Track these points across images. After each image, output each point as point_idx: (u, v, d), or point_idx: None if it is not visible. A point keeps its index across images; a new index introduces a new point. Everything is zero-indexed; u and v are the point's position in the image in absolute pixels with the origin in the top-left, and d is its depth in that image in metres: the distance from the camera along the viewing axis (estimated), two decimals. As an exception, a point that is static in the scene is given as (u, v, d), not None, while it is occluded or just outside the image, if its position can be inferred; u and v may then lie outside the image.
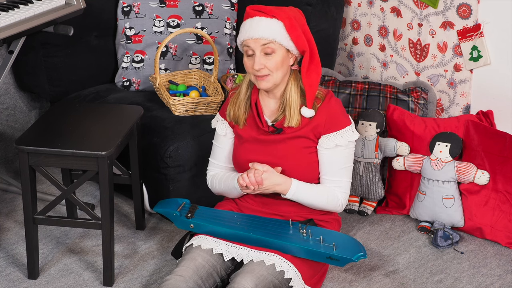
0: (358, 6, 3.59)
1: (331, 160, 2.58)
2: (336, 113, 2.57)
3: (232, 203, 2.74)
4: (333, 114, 2.57)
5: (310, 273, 2.54)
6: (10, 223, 3.19)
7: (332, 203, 2.61)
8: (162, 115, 3.16)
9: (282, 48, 2.50)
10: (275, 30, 2.48)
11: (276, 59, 2.49)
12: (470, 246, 3.05)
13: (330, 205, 2.62)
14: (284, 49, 2.50)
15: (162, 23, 3.43)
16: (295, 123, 2.55)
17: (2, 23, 2.75)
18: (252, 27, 2.49)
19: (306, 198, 2.59)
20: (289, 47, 2.50)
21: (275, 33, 2.48)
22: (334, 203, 2.61)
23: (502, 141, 2.97)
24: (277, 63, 2.49)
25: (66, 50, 3.41)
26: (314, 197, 2.59)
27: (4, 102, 3.62)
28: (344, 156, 2.59)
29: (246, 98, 2.63)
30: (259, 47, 2.48)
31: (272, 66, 2.49)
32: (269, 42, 2.47)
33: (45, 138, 2.70)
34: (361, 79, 3.50)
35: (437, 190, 3.10)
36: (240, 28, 2.56)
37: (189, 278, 2.45)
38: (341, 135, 2.56)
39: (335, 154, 2.57)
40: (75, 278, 2.83)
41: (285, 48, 2.50)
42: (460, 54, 3.27)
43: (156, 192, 3.10)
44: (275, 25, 2.48)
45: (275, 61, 2.49)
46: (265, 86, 2.53)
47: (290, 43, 2.50)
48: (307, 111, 2.55)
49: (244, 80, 2.64)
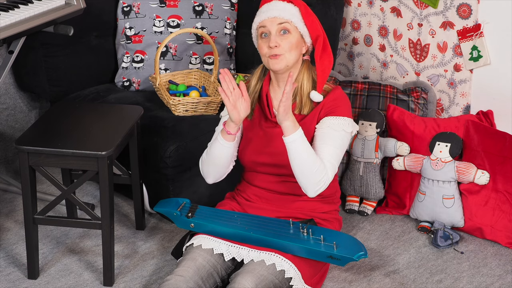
0: (358, 6, 3.59)
1: (322, 137, 2.56)
2: (340, 101, 2.61)
3: (234, 202, 2.75)
4: (336, 101, 2.60)
5: (310, 272, 2.54)
6: (10, 223, 3.19)
7: (319, 172, 2.48)
8: (162, 115, 3.16)
9: (297, 31, 2.57)
10: (292, 12, 2.58)
11: (291, 39, 2.55)
12: (470, 246, 3.05)
13: (317, 173, 2.48)
14: (299, 34, 2.58)
15: (162, 23, 3.43)
16: (307, 110, 2.60)
17: (2, 23, 2.75)
18: (270, 8, 2.58)
19: (302, 150, 2.46)
20: (303, 33, 2.58)
21: (292, 15, 2.57)
22: (321, 173, 2.48)
23: (502, 141, 2.97)
24: (292, 43, 2.55)
25: (66, 50, 3.41)
26: (309, 155, 2.47)
27: (4, 102, 3.62)
28: (336, 137, 2.55)
29: (256, 91, 2.67)
30: (275, 26, 2.56)
31: (286, 46, 2.55)
32: (285, 21, 2.55)
33: (45, 138, 2.70)
34: (361, 79, 3.50)
35: (437, 190, 3.10)
36: (257, 13, 2.62)
37: (190, 278, 2.45)
38: (337, 120, 2.57)
39: (328, 133, 2.56)
40: (75, 278, 2.83)
41: (300, 32, 2.58)
42: (460, 54, 3.27)
43: (156, 192, 3.10)
44: (292, 8, 2.59)
45: (289, 41, 2.55)
46: (277, 66, 2.56)
47: (305, 29, 2.58)
48: (316, 95, 2.59)
49: (254, 74, 2.68)
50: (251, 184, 2.71)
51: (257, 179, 2.69)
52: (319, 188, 2.51)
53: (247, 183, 2.73)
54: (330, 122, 2.57)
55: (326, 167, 2.51)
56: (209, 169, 2.67)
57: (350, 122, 2.59)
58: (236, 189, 2.80)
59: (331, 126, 2.56)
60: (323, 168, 2.50)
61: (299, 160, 2.48)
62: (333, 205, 2.75)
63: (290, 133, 2.47)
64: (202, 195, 3.08)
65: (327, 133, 2.55)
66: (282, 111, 2.43)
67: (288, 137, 2.47)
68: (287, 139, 2.48)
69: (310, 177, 2.48)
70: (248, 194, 2.72)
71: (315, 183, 2.50)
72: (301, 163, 2.48)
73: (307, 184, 2.50)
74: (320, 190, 2.51)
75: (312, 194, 2.53)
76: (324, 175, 2.49)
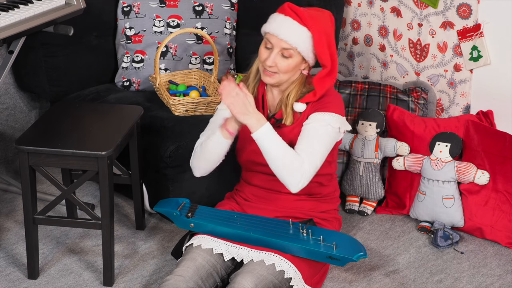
0: (358, 6, 3.59)
1: (304, 131, 2.54)
2: (330, 99, 2.58)
3: (233, 202, 2.75)
4: (326, 98, 2.58)
5: (310, 272, 2.54)
6: (10, 223, 3.19)
7: (295, 165, 2.44)
8: (162, 115, 3.16)
9: (299, 56, 2.53)
10: (301, 39, 2.50)
11: (289, 63, 2.52)
12: (470, 246, 3.05)
13: (292, 167, 2.44)
14: (301, 57, 2.53)
15: (162, 23, 3.43)
16: (289, 122, 2.59)
17: (2, 23, 2.75)
18: (282, 26, 2.51)
19: (273, 145, 2.44)
20: (308, 58, 2.54)
21: (300, 42, 2.50)
22: (297, 166, 2.44)
23: (502, 141, 2.97)
24: (289, 67, 2.53)
25: (66, 50, 3.41)
26: (279, 148, 2.44)
27: (4, 102, 3.62)
28: (319, 131, 2.52)
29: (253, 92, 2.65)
30: (279, 46, 2.51)
31: (283, 68, 2.53)
32: (290, 48, 2.50)
33: (45, 138, 2.70)
34: (361, 79, 3.50)
35: (437, 190, 3.10)
36: (270, 18, 2.56)
37: (190, 279, 2.45)
38: (324, 116, 2.54)
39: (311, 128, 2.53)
40: (75, 278, 2.83)
41: (302, 57, 2.53)
42: (460, 54, 3.27)
43: (156, 192, 3.10)
44: (303, 34, 2.50)
45: (287, 65, 2.52)
46: (268, 81, 2.56)
47: (310, 55, 2.53)
48: (299, 106, 2.57)
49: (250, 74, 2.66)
50: (249, 184, 2.72)
51: (255, 178, 2.69)
52: (298, 181, 2.46)
53: (245, 183, 2.74)
54: (316, 118, 2.54)
55: (302, 158, 2.46)
56: (200, 163, 2.64)
57: (338, 118, 2.56)
58: (235, 189, 2.81)
59: (316, 121, 2.54)
60: (299, 159, 2.45)
61: (271, 154, 2.45)
62: (332, 205, 2.75)
63: (254, 130, 2.45)
64: (202, 195, 3.08)
65: (310, 127, 2.53)
66: (236, 113, 2.44)
67: (253, 134, 2.46)
68: (253, 136, 2.47)
69: (284, 170, 2.45)
70: (247, 193, 2.72)
71: (291, 176, 2.45)
72: (273, 157, 2.45)
73: (283, 177, 2.47)
74: (300, 183, 2.46)
75: (294, 188, 2.47)
76: (300, 167, 2.45)
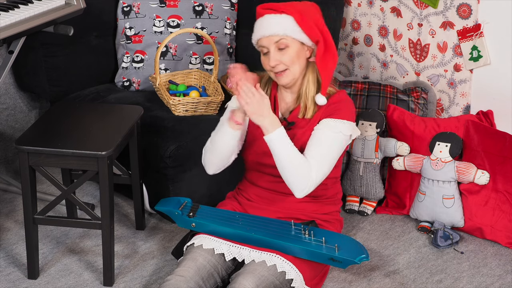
0: (358, 6, 3.60)
1: (315, 136, 2.53)
2: (342, 105, 2.57)
3: (235, 202, 2.74)
4: (339, 104, 2.57)
5: (311, 274, 2.54)
6: (10, 223, 3.19)
7: (303, 171, 2.46)
8: (162, 115, 3.16)
9: (296, 41, 2.52)
10: (286, 25, 2.51)
11: (290, 53, 2.52)
12: (470, 246, 3.05)
13: (300, 173, 2.46)
14: (298, 43, 2.53)
15: (162, 23, 3.43)
16: (311, 114, 2.57)
17: (2, 23, 2.75)
18: (263, 26, 2.53)
19: (285, 150, 2.46)
20: (303, 40, 2.53)
21: (286, 28, 2.50)
22: (304, 173, 2.46)
23: (502, 141, 2.97)
24: (292, 57, 2.52)
25: (66, 50, 3.41)
26: (289, 153, 2.46)
27: (4, 102, 3.62)
28: (330, 138, 2.52)
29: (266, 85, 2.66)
30: (272, 44, 2.52)
31: (287, 61, 2.52)
32: (281, 38, 2.51)
33: (45, 138, 2.70)
34: (361, 79, 3.50)
35: (437, 190, 3.10)
36: (254, 27, 2.58)
37: (190, 279, 2.44)
38: (335, 123, 2.54)
39: (321, 134, 2.53)
40: (75, 278, 2.83)
41: (299, 41, 2.53)
42: (460, 54, 3.27)
43: (156, 192, 3.10)
44: (285, 20, 2.52)
45: (289, 55, 2.52)
46: (284, 81, 2.55)
47: (303, 35, 2.52)
48: (321, 98, 2.56)
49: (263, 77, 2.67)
50: (254, 184, 2.71)
51: (259, 179, 2.68)
52: (304, 187, 2.47)
53: (249, 183, 2.73)
54: (327, 124, 2.54)
55: (310, 165, 2.47)
56: (212, 158, 2.64)
57: (350, 126, 2.56)
58: (237, 188, 2.80)
59: (327, 127, 2.53)
60: (307, 166, 2.47)
61: (281, 158, 2.47)
62: (334, 206, 2.74)
63: (268, 132, 2.47)
64: (203, 195, 3.08)
65: (321, 133, 2.53)
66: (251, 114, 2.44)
67: (266, 136, 2.48)
68: (266, 138, 2.48)
69: (292, 176, 2.47)
70: (250, 194, 2.72)
71: (298, 182, 2.47)
72: (283, 161, 2.47)
73: (290, 182, 2.48)
74: (306, 189, 2.48)
75: (299, 194, 2.50)
76: (307, 174, 2.46)
